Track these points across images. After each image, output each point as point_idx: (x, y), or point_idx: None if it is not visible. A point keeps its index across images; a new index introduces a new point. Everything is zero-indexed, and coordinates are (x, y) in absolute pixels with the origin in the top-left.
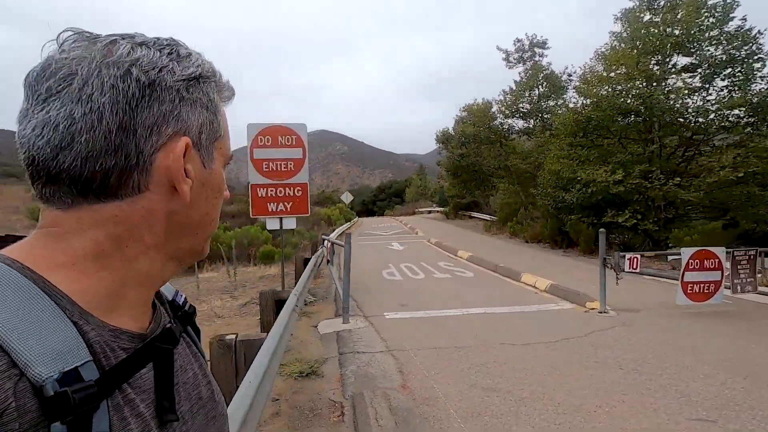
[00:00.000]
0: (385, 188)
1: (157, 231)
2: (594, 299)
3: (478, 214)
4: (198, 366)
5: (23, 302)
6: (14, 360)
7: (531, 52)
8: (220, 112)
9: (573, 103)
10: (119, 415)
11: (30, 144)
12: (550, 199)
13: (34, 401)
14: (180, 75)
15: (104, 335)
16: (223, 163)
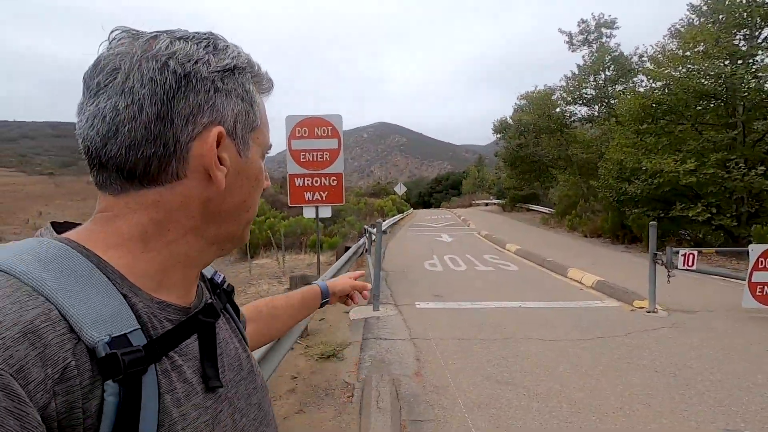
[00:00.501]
0: (441, 180)
1: (194, 216)
2: (644, 298)
3: (536, 206)
4: (238, 340)
5: (79, 276)
6: (71, 325)
7: (597, 33)
8: (256, 102)
9: (642, 87)
10: (167, 379)
11: (84, 135)
12: (611, 191)
13: (90, 361)
14: (215, 66)
15: (151, 307)
16: (261, 153)
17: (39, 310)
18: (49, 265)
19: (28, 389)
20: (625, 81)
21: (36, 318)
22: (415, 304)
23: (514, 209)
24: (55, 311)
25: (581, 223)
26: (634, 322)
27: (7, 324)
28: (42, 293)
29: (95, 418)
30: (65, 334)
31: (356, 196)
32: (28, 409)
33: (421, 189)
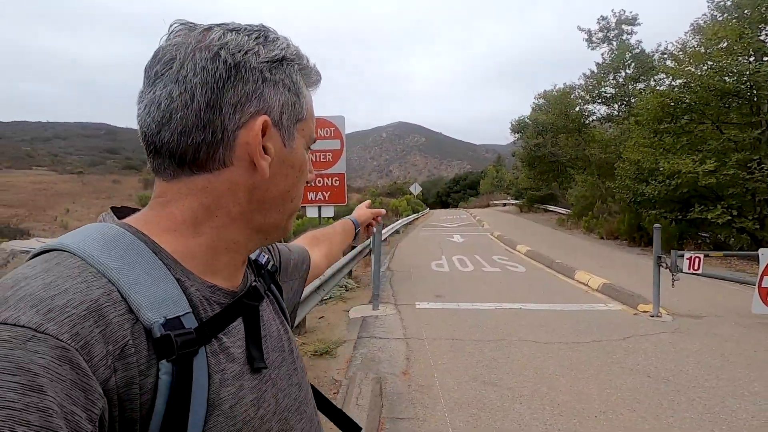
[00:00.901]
0: (459, 180)
1: (240, 203)
2: (650, 302)
3: (554, 207)
4: (280, 322)
5: (137, 260)
6: (130, 306)
7: (618, 30)
8: (303, 94)
9: (662, 86)
10: (216, 360)
11: (142, 121)
12: (628, 192)
13: (146, 341)
14: (264, 57)
15: (203, 291)
16: (306, 144)
17: (102, 291)
18: (112, 250)
19: (92, 363)
20: (647, 79)
21: (100, 298)
22: (415, 304)
23: (532, 210)
24: (116, 292)
25: (597, 225)
26: (634, 326)
27: (74, 302)
28: (105, 275)
29: (150, 395)
30: (125, 314)
31: (372, 196)
32: (92, 382)
33: (438, 189)
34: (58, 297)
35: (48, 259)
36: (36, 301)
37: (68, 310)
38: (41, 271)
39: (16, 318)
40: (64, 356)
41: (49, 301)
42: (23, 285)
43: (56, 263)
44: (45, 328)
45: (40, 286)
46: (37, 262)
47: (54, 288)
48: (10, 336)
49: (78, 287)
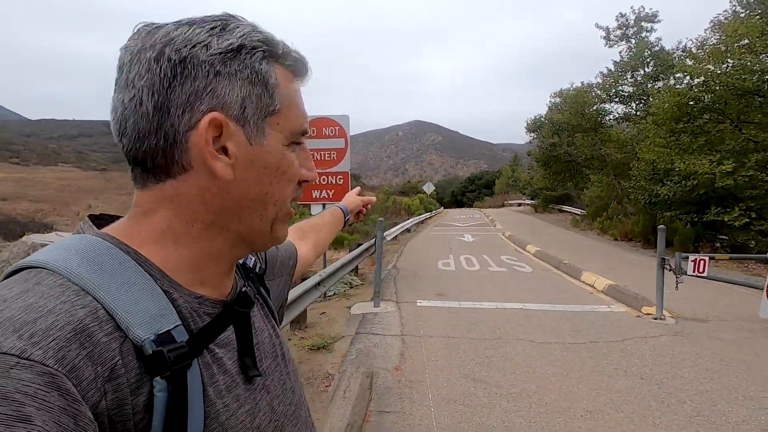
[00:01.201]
0: (475, 179)
1: (212, 209)
2: (655, 304)
3: (569, 207)
4: (270, 326)
5: (121, 273)
6: (118, 323)
7: (637, 27)
8: (273, 84)
9: (681, 84)
10: (209, 372)
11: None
12: (643, 193)
13: (136, 359)
14: (216, 48)
15: (191, 302)
16: (285, 140)
17: (87, 309)
18: (93, 263)
19: (81, 388)
20: (666, 77)
21: (85, 317)
22: (417, 301)
23: (547, 210)
24: (102, 310)
25: (611, 226)
26: (634, 328)
27: (59, 324)
28: (89, 292)
29: (144, 414)
30: (112, 332)
31: (385, 194)
32: (81, 407)
33: (454, 188)
34: (40, 320)
35: (27, 278)
36: (18, 326)
37: (53, 333)
38: (20, 292)
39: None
40: (51, 382)
41: (32, 324)
42: (2, 308)
43: (35, 282)
44: (29, 353)
45: (20, 308)
46: (14, 282)
47: (36, 310)
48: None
49: (61, 307)
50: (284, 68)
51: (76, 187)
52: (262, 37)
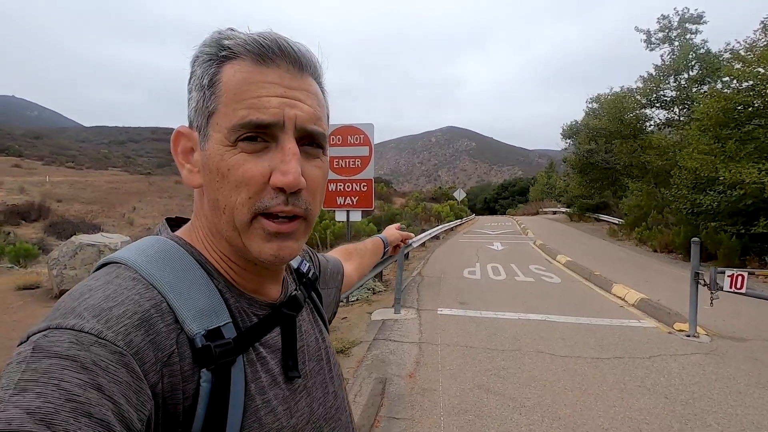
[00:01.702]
0: (508, 185)
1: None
2: (688, 320)
3: (606, 216)
4: (318, 331)
5: (184, 272)
6: (177, 316)
7: (681, 29)
8: (210, 84)
9: (728, 88)
10: (252, 369)
11: None
12: (685, 202)
13: (189, 350)
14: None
15: (241, 302)
16: (225, 139)
17: (152, 302)
18: (162, 262)
19: (144, 368)
20: (713, 81)
21: (150, 309)
22: (438, 309)
23: (582, 219)
24: (165, 303)
25: (651, 237)
26: (664, 345)
27: (129, 313)
28: (156, 287)
29: (192, 400)
30: (171, 324)
31: (415, 200)
32: (144, 386)
33: (486, 194)
34: (115, 308)
35: (109, 272)
36: (97, 311)
37: (123, 320)
38: (103, 284)
39: (81, 325)
40: (120, 361)
41: (108, 311)
42: (87, 296)
43: (115, 276)
44: (105, 335)
45: (101, 297)
46: (100, 275)
47: (112, 299)
48: (77, 340)
49: (132, 299)
50: (241, 61)
51: (123, 190)
52: (213, 39)
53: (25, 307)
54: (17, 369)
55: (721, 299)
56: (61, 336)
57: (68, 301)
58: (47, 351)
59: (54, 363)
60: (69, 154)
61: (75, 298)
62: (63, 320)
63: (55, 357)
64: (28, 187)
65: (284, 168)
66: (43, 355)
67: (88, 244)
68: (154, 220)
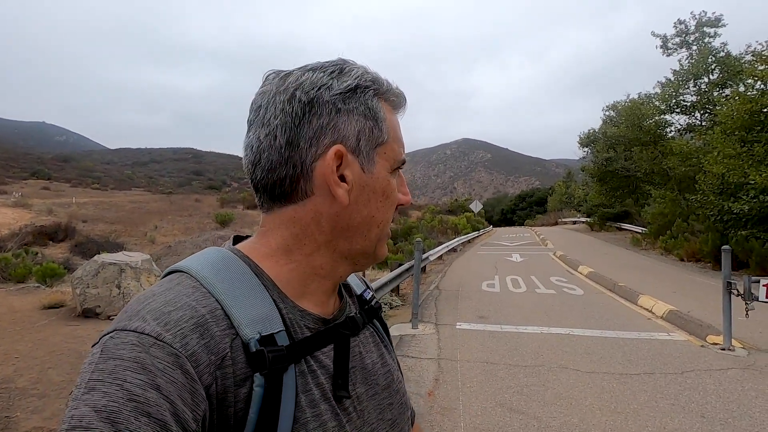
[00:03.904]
0: (526, 196)
1: (324, 230)
2: (722, 332)
3: (628, 225)
4: (378, 355)
5: (241, 282)
6: (232, 322)
7: (698, 33)
8: (381, 118)
9: (752, 91)
10: (303, 380)
11: (244, 164)
12: (712, 209)
13: (243, 354)
14: (336, 89)
15: (294, 314)
16: (389, 167)
17: (208, 309)
18: (221, 272)
19: (198, 370)
20: (735, 84)
21: (206, 314)
22: (456, 324)
23: (604, 228)
24: (221, 310)
25: (676, 245)
26: (697, 360)
27: (186, 317)
28: (213, 294)
29: (244, 404)
30: (226, 329)
31: (431, 213)
32: (198, 387)
33: (503, 206)
34: (174, 312)
35: (171, 279)
36: (157, 315)
37: (180, 323)
38: (165, 290)
39: (143, 327)
40: (176, 362)
41: (167, 315)
42: (150, 301)
43: (177, 283)
44: (163, 337)
45: (162, 302)
46: (164, 282)
47: (172, 304)
48: (139, 341)
49: (190, 304)
50: (388, 103)
51: (145, 209)
52: (372, 77)
53: (50, 325)
54: (88, 369)
55: (756, 310)
56: (125, 338)
57: (134, 305)
58: (113, 352)
59: (118, 364)
60: (95, 175)
61: (140, 302)
62: (128, 322)
63: (119, 359)
64: (56, 209)
65: (404, 190)
66: (109, 356)
67: (110, 263)
68: (175, 237)
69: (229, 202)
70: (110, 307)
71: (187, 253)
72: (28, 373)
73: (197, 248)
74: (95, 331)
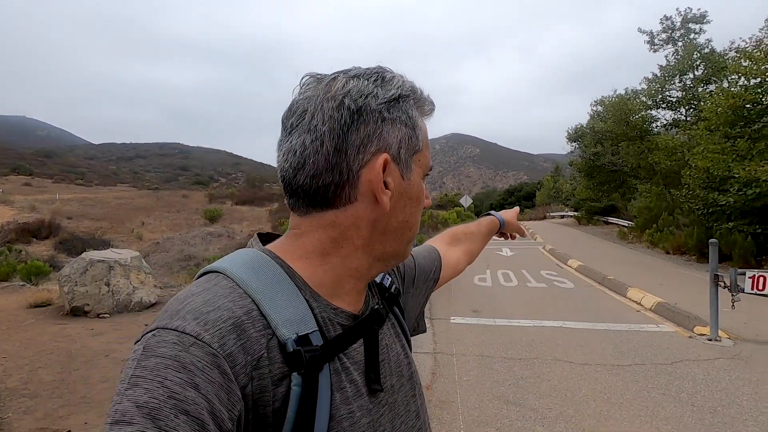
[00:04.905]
0: (514, 191)
1: (363, 234)
2: (709, 324)
3: (615, 219)
4: (400, 345)
5: (276, 283)
6: (269, 323)
7: (684, 29)
8: (418, 126)
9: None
10: (338, 378)
11: (281, 167)
12: (698, 202)
13: (280, 354)
14: (382, 98)
15: (327, 312)
16: (422, 173)
17: (245, 309)
18: (256, 272)
19: (235, 371)
20: (719, 80)
21: (243, 315)
22: (450, 318)
23: (591, 222)
24: (257, 311)
25: (662, 239)
26: (686, 350)
27: (223, 318)
28: (249, 295)
29: (281, 403)
30: (262, 330)
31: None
32: (234, 387)
33: (492, 200)
34: (212, 312)
35: (209, 279)
36: (197, 315)
37: (218, 324)
38: (203, 290)
39: (183, 327)
40: (214, 362)
41: (206, 315)
42: (190, 301)
43: (214, 284)
44: (202, 337)
45: (201, 302)
46: (201, 282)
47: (210, 305)
48: (179, 340)
49: (227, 305)
50: (419, 110)
51: (132, 206)
52: (410, 85)
53: (37, 324)
54: (131, 365)
55: (741, 301)
56: (166, 336)
57: (174, 304)
58: (154, 350)
59: (159, 362)
60: (78, 171)
61: (180, 301)
62: (169, 321)
63: (160, 357)
64: (39, 205)
65: (427, 193)
66: (151, 354)
67: (99, 260)
68: (163, 234)
69: (217, 197)
70: (99, 305)
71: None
72: (18, 374)
73: (186, 244)
74: (84, 330)
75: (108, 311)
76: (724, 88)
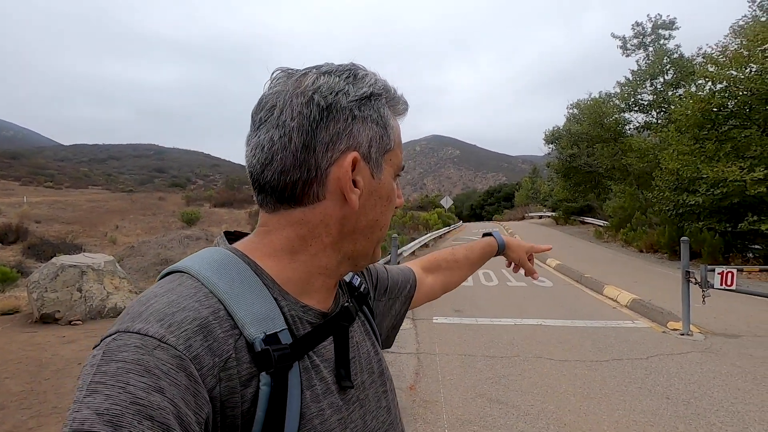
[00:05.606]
0: (494, 192)
1: (332, 233)
2: (681, 319)
3: (591, 219)
4: (371, 343)
5: (242, 281)
6: (236, 323)
7: (654, 35)
8: (390, 125)
9: (703, 91)
10: (307, 376)
11: (249, 162)
12: (668, 203)
13: (248, 354)
14: (353, 96)
15: (296, 310)
16: (393, 173)
17: (212, 309)
18: (222, 271)
19: (202, 373)
20: (687, 84)
21: (210, 315)
22: (433, 318)
23: (568, 222)
24: (224, 310)
25: (636, 238)
26: (660, 345)
27: (189, 319)
28: (215, 294)
29: (250, 404)
30: (229, 330)
31: (402, 209)
32: (201, 389)
33: (472, 201)
34: (177, 314)
35: (172, 280)
36: (161, 316)
37: (184, 325)
38: (167, 291)
39: (146, 329)
40: (180, 365)
41: (171, 317)
42: (153, 302)
43: (178, 284)
44: (167, 339)
45: (165, 303)
46: (165, 282)
47: (175, 305)
48: (142, 343)
49: (193, 306)
50: (393, 110)
51: (105, 209)
52: (382, 84)
53: (4, 333)
54: (90, 371)
55: (711, 297)
56: (128, 339)
57: (136, 306)
58: (115, 354)
59: (120, 366)
60: (47, 173)
61: (142, 303)
62: (131, 324)
63: (122, 361)
64: (5, 209)
65: (399, 193)
66: (111, 359)
67: (71, 265)
68: (138, 237)
69: (194, 200)
70: (71, 312)
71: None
72: None
73: (163, 248)
74: (55, 338)
75: (80, 318)
76: (692, 92)
